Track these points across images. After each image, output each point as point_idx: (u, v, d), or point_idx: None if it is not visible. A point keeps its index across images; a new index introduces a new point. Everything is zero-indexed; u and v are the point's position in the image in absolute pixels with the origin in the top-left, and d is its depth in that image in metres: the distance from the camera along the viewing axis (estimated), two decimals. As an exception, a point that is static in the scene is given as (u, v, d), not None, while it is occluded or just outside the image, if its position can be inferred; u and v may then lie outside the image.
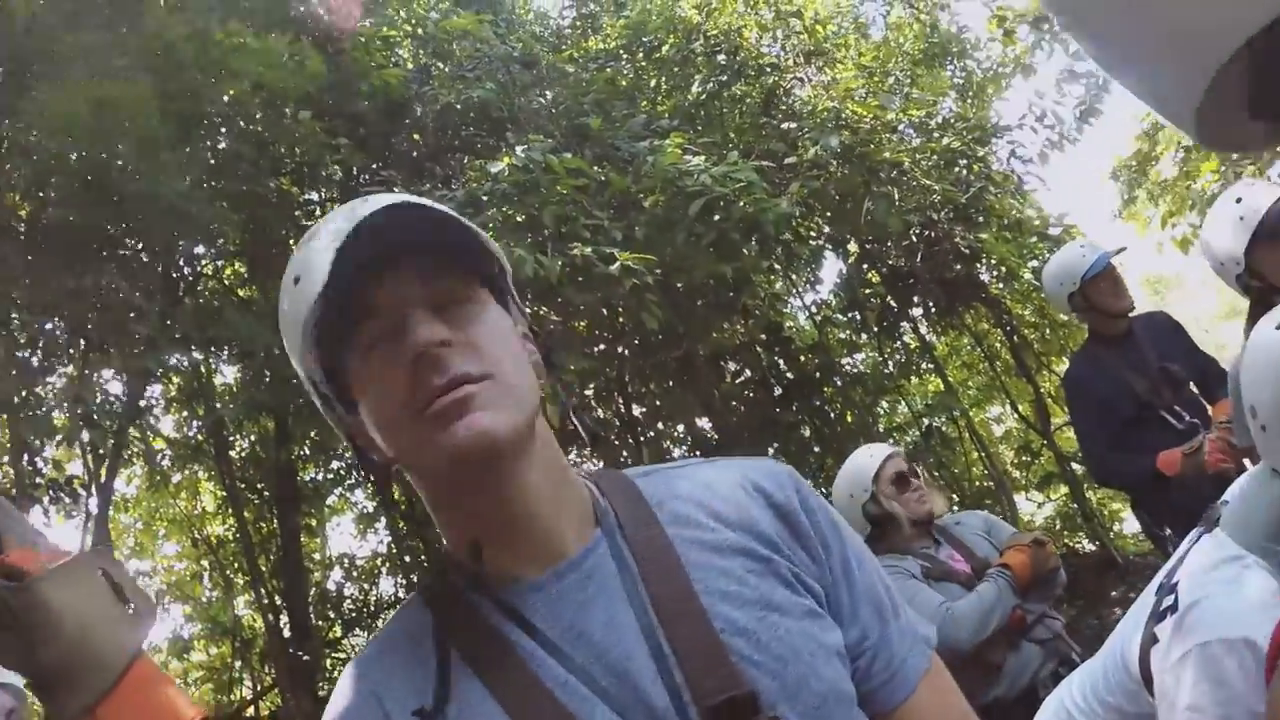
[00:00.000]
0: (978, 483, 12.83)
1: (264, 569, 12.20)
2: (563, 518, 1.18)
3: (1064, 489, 12.75)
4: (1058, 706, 2.23)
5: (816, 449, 11.12)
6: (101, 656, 1.37)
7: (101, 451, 9.98)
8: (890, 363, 12.39)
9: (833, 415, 11.51)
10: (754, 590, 1.13)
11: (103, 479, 10.29)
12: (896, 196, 8.95)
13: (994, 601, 3.53)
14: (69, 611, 1.35)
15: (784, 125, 9.13)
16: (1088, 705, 2.10)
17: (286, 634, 12.03)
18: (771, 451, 11.39)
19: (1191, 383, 4.37)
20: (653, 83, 9.99)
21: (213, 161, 7.94)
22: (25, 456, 9.14)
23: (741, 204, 6.88)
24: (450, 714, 1.07)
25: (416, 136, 8.84)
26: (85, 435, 8.68)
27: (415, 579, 12.49)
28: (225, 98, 7.38)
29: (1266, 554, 1.70)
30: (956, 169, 9.63)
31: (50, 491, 9.90)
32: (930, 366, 12.72)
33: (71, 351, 7.81)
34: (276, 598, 12.22)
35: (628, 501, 1.23)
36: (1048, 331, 11.96)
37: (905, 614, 1.27)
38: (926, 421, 12.25)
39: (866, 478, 3.96)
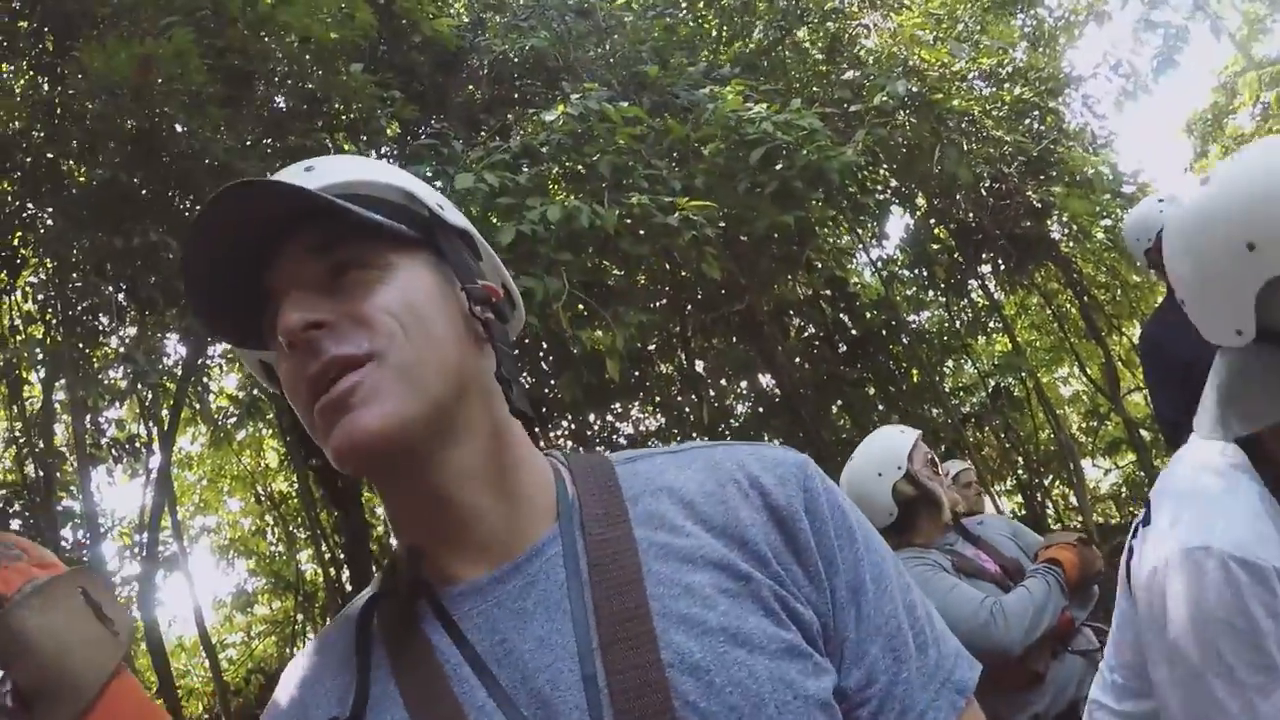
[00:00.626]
0: (1044, 446, 12.65)
1: (325, 524, 12.37)
2: (511, 509, 1.02)
3: (1131, 456, 12.54)
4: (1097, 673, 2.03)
5: (881, 408, 10.98)
6: (79, 677, 1.40)
7: (163, 411, 10.14)
8: (957, 321, 12.22)
9: (898, 374, 11.35)
10: (721, 616, 0.94)
11: (165, 437, 10.48)
12: (966, 148, 8.72)
13: (1045, 598, 3.11)
14: (46, 634, 1.38)
15: (848, 73, 8.90)
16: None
17: (348, 588, 12.20)
18: (835, 409, 11.27)
19: None
20: (713, 30, 9.81)
21: (264, 117, 7.91)
22: (88, 417, 9.29)
23: (804, 152, 6.70)
24: None
25: (471, 88, 8.76)
26: (147, 395, 8.79)
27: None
28: (274, 53, 7.31)
29: (1216, 435, 1.64)
30: (1028, 120, 9.39)
31: (113, 451, 10.10)
32: (998, 326, 12.52)
33: (131, 313, 7.85)
34: (338, 552, 12.39)
35: (599, 493, 1.05)
36: (1119, 293, 11.72)
37: (936, 651, 1.03)
38: (993, 382, 12.10)
39: (900, 454, 3.51)
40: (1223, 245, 1.52)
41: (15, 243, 8.59)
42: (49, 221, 8.00)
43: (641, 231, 6.57)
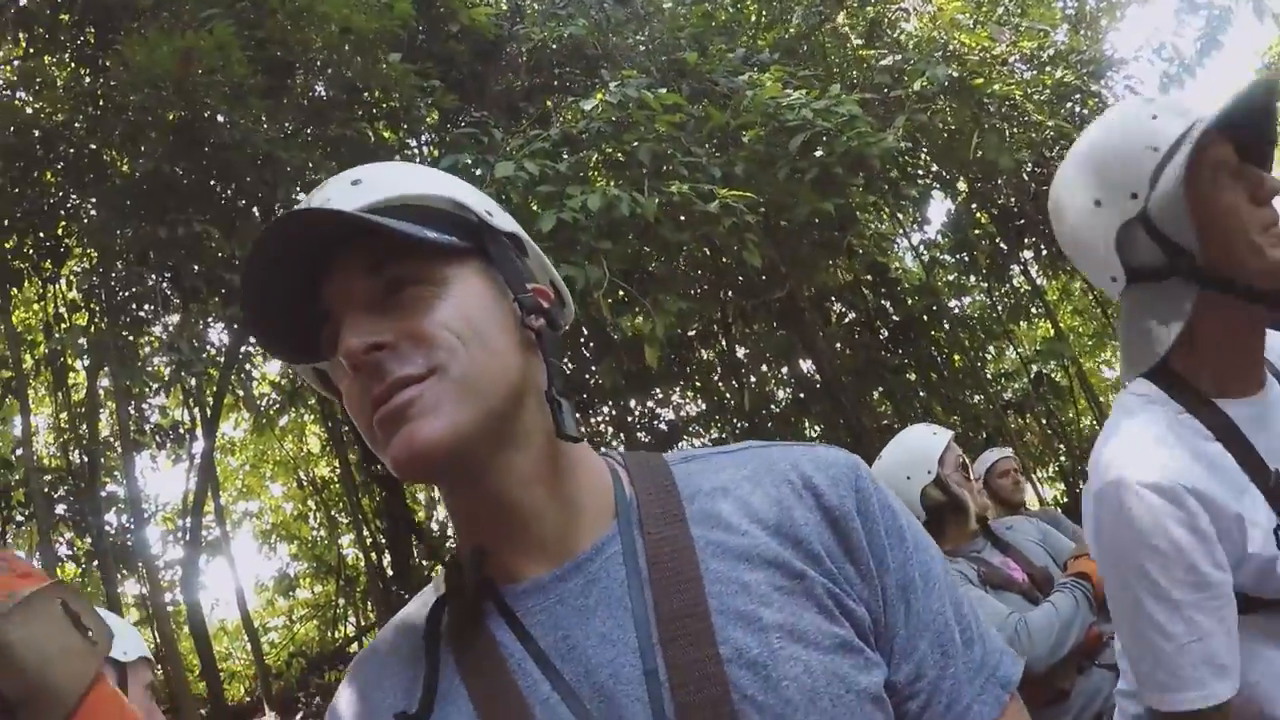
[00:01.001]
0: (1086, 433, 12.54)
1: (367, 509, 12.47)
2: (570, 509, 1.04)
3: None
4: None
5: (922, 394, 10.92)
6: (59, 687, 1.44)
7: (207, 397, 10.26)
8: (999, 306, 12.11)
9: (939, 360, 11.29)
10: (777, 613, 0.96)
11: (207, 423, 10.60)
12: (1007, 132, 8.63)
13: (1072, 614, 3.02)
14: (28, 646, 1.42)
15: (888, 58, 8.82)
16: None
17: (389, 573, 12.29)
18: (877, 395, 11.23)
19: None
20: (751, 16, 9.75)
21: (304, 107, 7.96)
22: (132, 404, 9.41)
23: (844, 138, 6.66)
24: (433, 718, 0.98)
25: (510, 76, 8.77)
26: (191, 381, 8.89)
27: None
28: (314, 43, 7.36)
29: (1129, 376, 1.74)
30: (1069, 104, 9.27)
31: (157, 437, 10.23)
32: (1040, 311, 12.38)
33: (174, 301, 7.94)
34: (380, 537, 12.49)
35: (656, 493, 1.07)
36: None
37: (982, 647, 1.06)
38: (1036, 368, 11.99)
39: (931, 458, 3.41)
40: (1077, 207, 1.72)
41: (59, 232, 8.71)
42: (92, 211, 8.10)
43: (682, 218, 6.56)
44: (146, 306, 8.54)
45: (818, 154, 6.77)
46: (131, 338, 8.77)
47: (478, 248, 1.06)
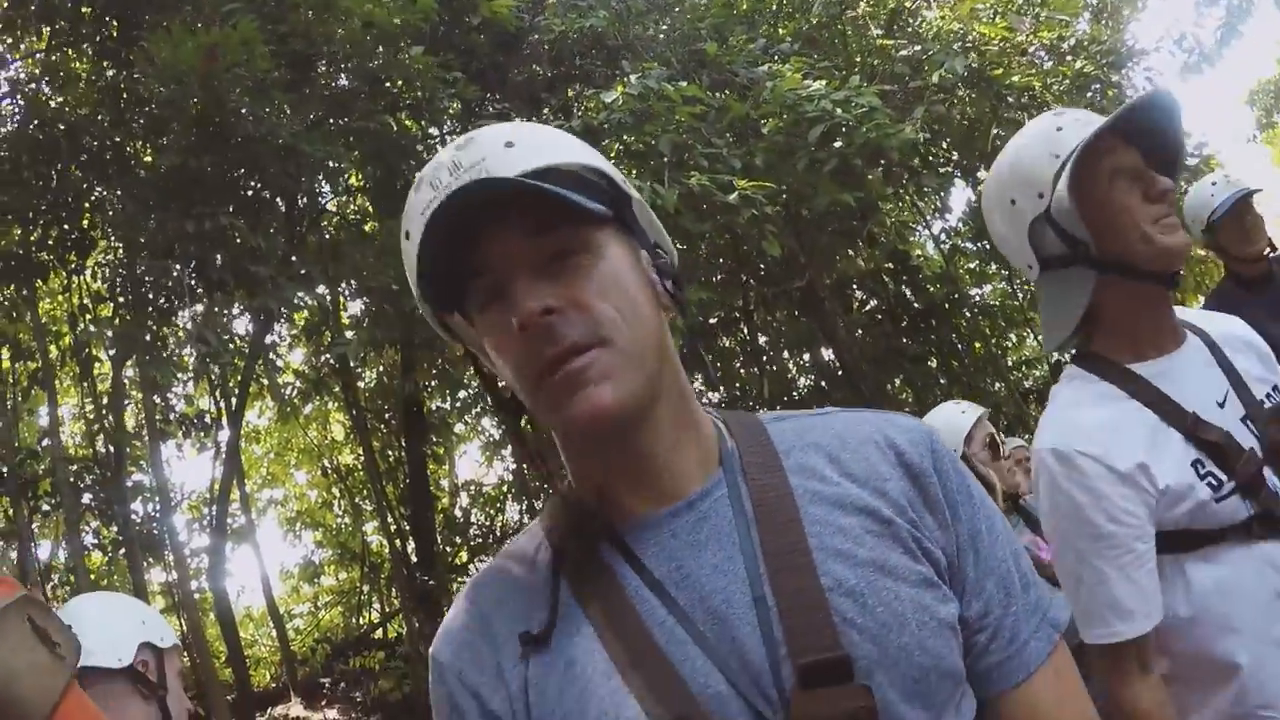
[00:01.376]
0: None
1: (391, 496, 12.54)
2: (684, 456, 1.16)
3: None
4: None
5: (943, 381, 10.91)
6: (27, 703, 1.46)
7: (232, 386, 10.34)
8: (1020, 294, 12.06)
9: (960, 347, 11.27)
10: (869, 551, 1.09)
11: (233, 413, 10.67)
12: (1026, 122, 8.60)
13: None
14: None
15: (908, 48, 8.80)
16: None
17: (413, 559, 12.36)
18: (897, 383, 11.22)
19: None
20: (772, 5, 9.72)
21: (328, 99, 8.01)
22: (157, 394, 9.49)
23: (863, 130, 6.66)
24: (554, 643, 1.09)
25: (533, 67, 8.78)
26: (215, 371, 8.96)
27: (540, 505, 12.69)
28: (337, 36, 7.39)
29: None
30: (1089, 94, 9.22)
31: (183, 426, 10.31)
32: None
33: (199, 291, 8.03)
34: (404, 523, 12.56)
35: (754, 445, 1.20)
36: (1184, 267, 11.48)
37: (1035, 592, 1.19)
38: (1055, 356, 11.94)
39: (957, 437, 3.57)
40: (998, 205, 2.00)
41: (84, 224, 8.77)
42: (117, 204, 8.16)
43: (703, 209, 6.58)
44: (171, 298, 8.61)
45: (837, 145, 6.77)
46: (157, 328, 8.84)
47: (616, 215, 1.16)
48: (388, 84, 8.03)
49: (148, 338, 8.47)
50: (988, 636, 1.14)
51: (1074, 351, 2.05)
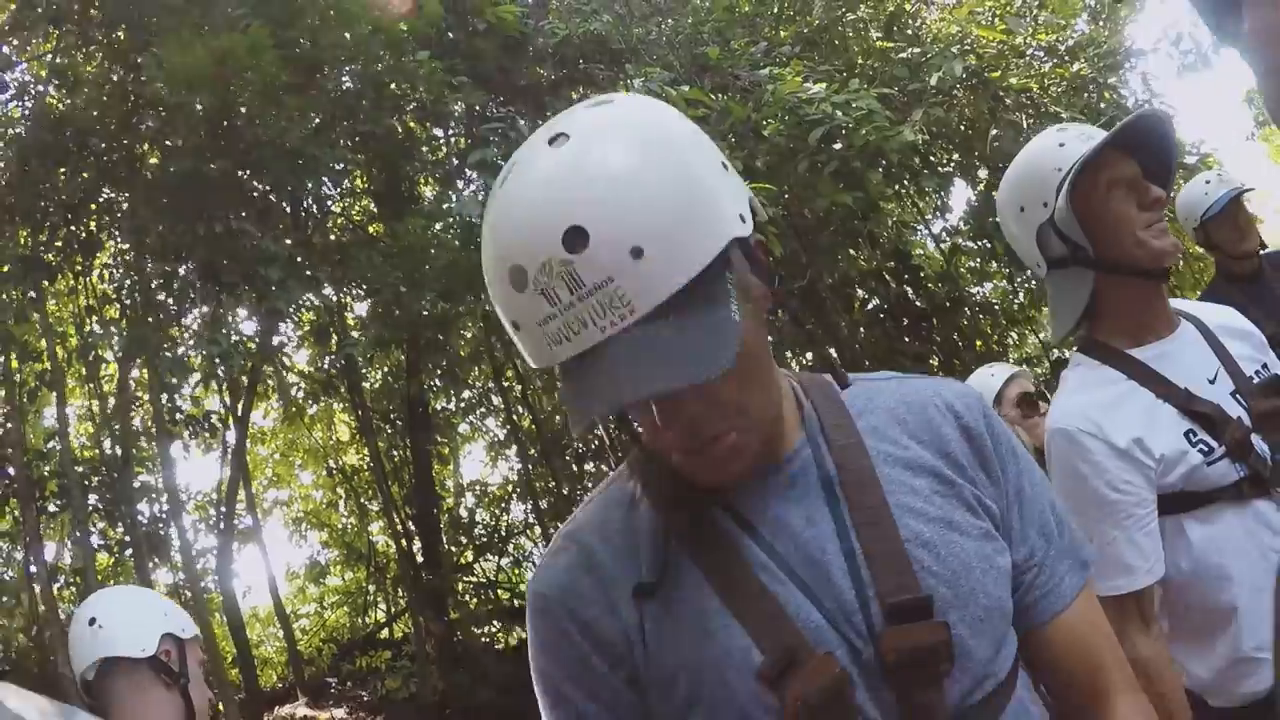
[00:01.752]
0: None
1: (396, 496, 12.54)
2: (778, 423, 1.26)
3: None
4: None
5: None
6: None
7: (238, 386, 10.37)
8: (1020, 292, 12.09)
9: (962, 345, 11.29)
10: (938, 509, 1.24)
11: (239, 414, 10.70)
12: (1025, 124, 8.65)
13: None
14: None
15: (908, 51, 8.85)
16: None
17: (419, 559, 12.39)
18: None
19: None
20: (773, 9, 9.78)
21: (335, 103, 8.07)
22: (164, 395, 9.53)
23: (863, 132, 6.72)
24: (668, 588, 1.21)
25: (537, 69, 8.84)
26: (220, 372, 9.00)
27: (545, 504, 12.71)
28: (344, 41, 7.44)
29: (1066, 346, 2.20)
30: (1087, 95, 9.28)
31: (189, 427, 10.33)
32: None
33: (214, 290, 8.08)
34: (409, 523, 12.57)
35: (831, 410, 1.32)
36: (1181, 264, 11.52)
37: (1069, 535, 1.36)
38: (1056, 353, 11.96)
39: (988, 399, 3.74)
40: (1010, 211, 2.21)
41: (92, 226, 8.83)
42: (124, 205, 8.22)
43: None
44: (179, 299, 8.66)
45: (837, 147, 6.84)
46: (165, 330, 8.89)
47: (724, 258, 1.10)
48: (393, 87, 8.09)
49: (159, 340, 8.52)
50: (1032, 577, 1.31)
51: (1079, 340, 2.26)
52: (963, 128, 8.87)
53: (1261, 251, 4.34)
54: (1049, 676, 1.36)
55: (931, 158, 9.39)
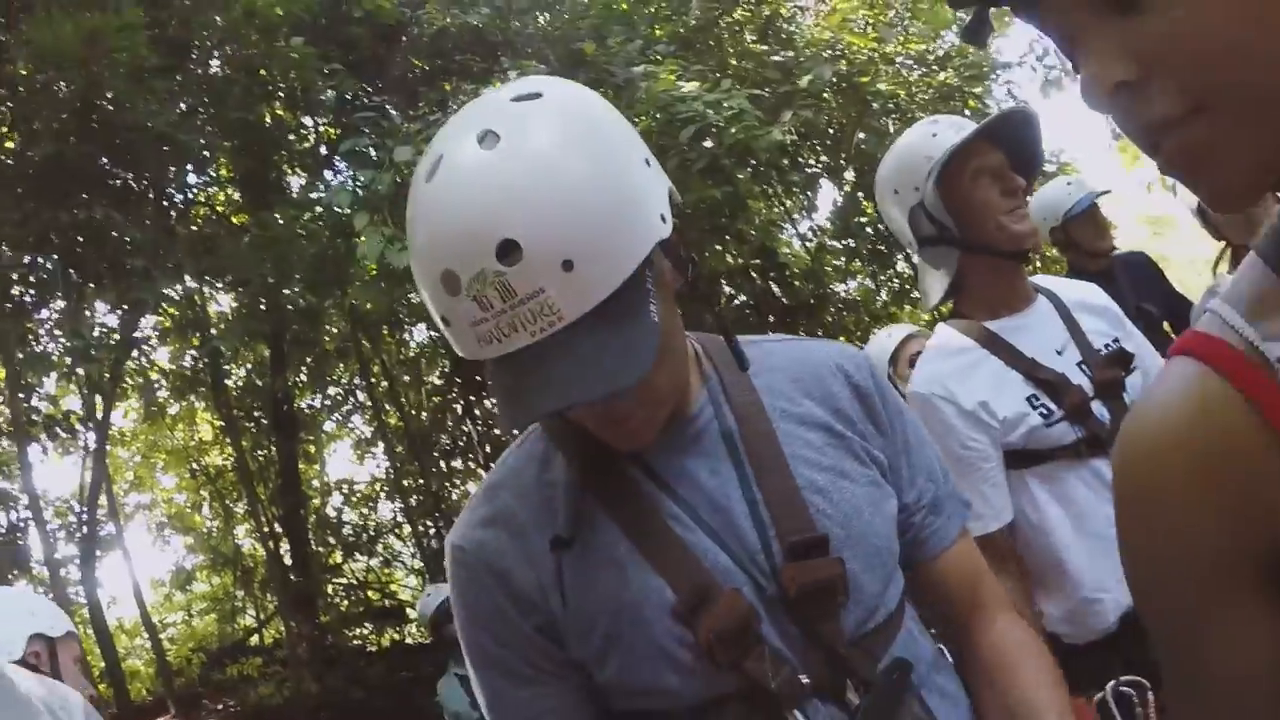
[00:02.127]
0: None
1: (263, 497, 12.24)
2: (683, 392, 1.36)
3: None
4: None
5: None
6: None
7: (99, 385, 9.99)
8: (883, 290, 12.39)
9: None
10: (830, 459, 1.36)
11: (99, 413, 10.28)
12: (891, 129, 8.91)
13: None
14: None
15: (780, 54, 9.05)
16: None
17: (287, 562, 12.13)
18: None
19: (1166, 324, 4.44)
20: (650, 8, 9.88)
21: (204, 89, 7.89)
22: (21, 394, 9.13)
23: (733, 130, 6.88)
24: (584, 539, 1.30)
25: (411, 60, 8.78)
26: (81, 370, 8.69)
27: (414, 502, 12.58)
28: (216, 23, 7.29)
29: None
30: (952, 103, 9.59)
31: (47, 429, 9.87)
32: (920, 296, 12.65)
33: (67, 285, 7.81)
34: (276, 525, 12.29)
35: (729, 369, 1.41)
36: (1038, 264, 11.95)
37: (949, 482, 1.51)
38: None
39: (883, 360, 4.00)
40: (885, 193, 2.42)
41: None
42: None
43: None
44: (44, 292, 8.33)
45: (707, 144, 6.99)
46: (22, 324, 8.54)
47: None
48: (264, 73, 7.94)
49: (20, 334, 8.18)
50: (922, 516, 1.45)
51: (943, 312, 2.51)
52: (831, 130, 9.13)
53: (1113, 253, 4.63)
54: (938, 603, 1.50)
55: (799, 158, 9.61)
